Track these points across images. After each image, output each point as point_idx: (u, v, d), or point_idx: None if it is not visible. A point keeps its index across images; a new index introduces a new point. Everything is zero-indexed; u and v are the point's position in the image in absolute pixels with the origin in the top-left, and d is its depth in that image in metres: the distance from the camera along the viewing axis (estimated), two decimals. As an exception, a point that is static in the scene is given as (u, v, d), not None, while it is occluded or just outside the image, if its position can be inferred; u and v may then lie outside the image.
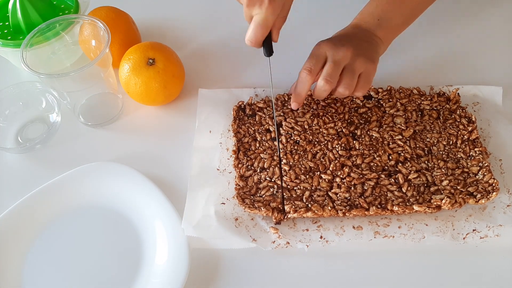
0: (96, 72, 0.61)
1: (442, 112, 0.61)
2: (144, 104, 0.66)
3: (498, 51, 0.71)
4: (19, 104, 0.66)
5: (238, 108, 0.63)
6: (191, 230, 0.53)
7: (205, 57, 0.73)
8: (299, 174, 0.56)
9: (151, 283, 0.51)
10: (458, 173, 0.55)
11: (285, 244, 0.53)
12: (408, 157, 0.57)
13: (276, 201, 0.54)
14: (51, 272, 0.53)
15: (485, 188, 0.54)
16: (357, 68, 0.55)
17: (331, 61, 0.54)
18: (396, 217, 0.54)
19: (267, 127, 0.61)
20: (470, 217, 0.54)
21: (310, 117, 0.60)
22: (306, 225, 0.54)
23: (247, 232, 0.54)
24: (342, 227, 0.54)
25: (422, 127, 0.59)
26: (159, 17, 0.79)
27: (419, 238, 0.53)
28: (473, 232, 0.53)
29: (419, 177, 0.55)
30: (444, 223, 0.54)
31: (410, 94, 0.63)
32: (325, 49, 0.55)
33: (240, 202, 0.54)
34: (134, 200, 0.57)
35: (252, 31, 0.51)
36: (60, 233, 0.56)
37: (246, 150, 0.59)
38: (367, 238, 0.53)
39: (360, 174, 0.55)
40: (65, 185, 0.58)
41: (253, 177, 0.57)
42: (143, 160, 0.61)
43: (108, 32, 0.59)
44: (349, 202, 0.53)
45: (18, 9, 0.66)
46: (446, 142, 0.58)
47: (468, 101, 0.64)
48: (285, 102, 0.62)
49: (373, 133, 0.59)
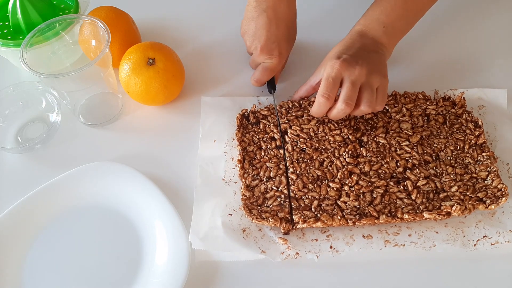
0: (96, 72, 0.61)
1: (448, 117, 0.60)
2: (144, 104, 0.66)
3: (501, 53, 0.71)
4: (19, 104, 0.66)
5: (241, 116, 0.62)
6: (199, 242, 0.52)
7: (205, 57, 0.73)
8: (306, 183, 0.55)
9: (151, 283, 0.51)
10: (466, 178, 0.55)
11: (295, 255, 0.52)
12: (416, 163, 0.56)
13: (284, 211, 0.53)
14: (51, 272, 0.53)
15: (494, 193, 0.54)
16: (374, 85, 0.55)
17: (349, 83, 0.54)
18: (406, 224, 0.54)
19: (272, 135, 0.60)
20: (480, 223, 0.54)
21: (315, 124, 0.59)
22: (315, 235, 0.53)
23: (256, 244, 0.53)
24: (351, 236, 0.53)
25: (428, 132, 0.59)
26: (159, 17, 0.79)
27: (430, 246, 0.52)
28: (483, 239, 0.52)
29: (428, 183, 0.54)
30: (454, 230, 0.53)
31: (416, 99, 0.62)
32: (340, 71, 0.54)
33: (247, 213, 0.53)
34: (134, 200, 0.57)
35: (260, 74, 0.63)
36: (60, 233, 0.56)
37: (252, 159, 0.58)
38: (378, 247, 0.52)
39: (369, 181, 0.55)
40: (65, 185, 0.58)
41: (260, 187, 0.56)
42: (143, 160, 0.61)
43: (108, 32, 0.59)
44: (358, 211, 0.53)
45: (18, 9, 0.65)
46: (453, 147, 0.57)
47: (473, 104, 0.63)
48: (289, 110, 0.62)
49: (380, 139, 0.58)
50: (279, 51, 0.62)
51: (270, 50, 0.62)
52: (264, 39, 0.61)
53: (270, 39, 0.61)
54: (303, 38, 0.70)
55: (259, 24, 0.62)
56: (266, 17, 0.61)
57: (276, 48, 0.62)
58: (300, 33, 0.67)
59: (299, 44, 0.68)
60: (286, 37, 0.63)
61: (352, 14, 0.62)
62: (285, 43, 0.63)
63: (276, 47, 0.62)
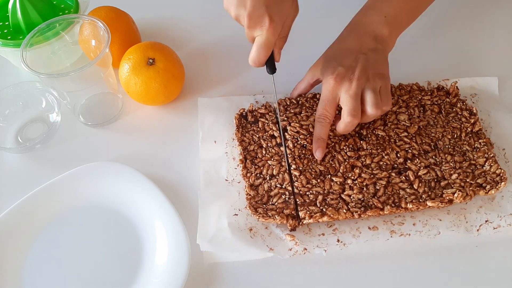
0: (96, 72, 0.61)
1: (443, 106, 0.61)
2: (144, 104, 0.66)
3: (491, 42, 0.72)
4: (19, 104, 0.66)
5: (239, 116, 0.62)
6: (207, 245, 0.52)
7: (205, 57, 0.73)
8: (310, 178, 0.55)
9: (151, 283, 0.51)
10: (465, 165, 0.56)
11: (303, 250, 0.52)
12: (416, 154, 0.57)
13: (289, 208, 0.53)
14: (51, 272, 0.53)
15: (493, 178, 0.55)
16: (376, 87, 0.55)
17: (348, 96, 0.54)
18: (410, 214, 0.54)
19: (272, 132, 0.60)
20: (481, 208, 0.55)
21: (314, 120, 0.60)
22: (322, 230, 0.54)
23: (263, 242, 0.53)
24: (358, 229, 0.54)
25: (425, 122, 0.60)
26: (159, 17, 0.79)
27: (435, 234, 0.53)
28: (486, 223, 0.54)
29: (428, 172, 0.55)
30: (457, 216, 0.54)
31: (410, 90, 0.63)
32: (337, 90, 0.54)
33: (253, 212, 0.53)
34: (134, 200, 0.57)
35: (255, 52, 0.52)
36: (60, 233, 0.55)
37: (253, 158, 0.58)
38: (384, 238, 0.53)
39: (371, 174, 0.55)
40: (65, 185, 0.58)
41: (263, 185, 0.56)
42: (143, 160, 0.61)
43: (108, 32, 0.59)
44: (363, 203, 0.53)
45: (18, 9, 0.65)
46: (450, 136, 0.58)
47: (466, 93, 0.64)
48: (288, 107, 0.62)
49: (378, 131, 0.59)
50: (269, 17, 0.50)
51: (259, 17, 0.50)
52: (249, 5, 0.49)
53: (257, 4, 0.49)
54: (302, 34, 0.67)
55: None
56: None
57: (265, 14, 0.49)
58: (299, 29, 0.62)
59: (299, 40, 0.66)
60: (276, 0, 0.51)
61: (355, 8, 0.61)
62: (276, 7, 0.50)
63: (265, 12, 0.49)
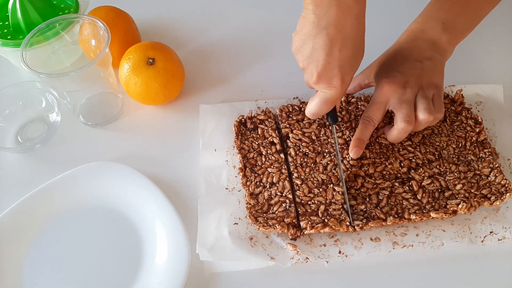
0: (96, 71, 0.60)
1: (448, 115, 0.60)
2: (144, 104, 0.66)
3: (495, 49, 0.71)
4: (19, 104, 0.66)
5: (238, 123, 0.61)
6: (207, 254, 0.51)
7: (205, 57, 0.73)
8: (312, 187, 0.54)
9: (151, 283, 0.51)
10: (470, 176, 0.55)
11: (304, 259, 0.51)
12: (419, 163, 0.56)
13: (290, 216, 0.53)
14: (51, 272, 0.53)
15: (498, 189, 0.54)
16: (429, 95, 0.54)
17: (402, 102, 0.53)
18: (413, 224, 0.53)
19: (271, 139, 0.59)
20: (486, 219, 0.54)
21: (316, 127, 0.59)
22: (323, 240, 0.53)
23: (264, 251, 0.52)
24: (359, 240, 0.53)
25: (430, 131, 0.59)
26: (159, 17, 0.79)
27: (438, 245, 0.52)
28: (490, 235, 0.53)
29: (432, 182, 0.54)
30: (461, 227, 0.53)
31: (415, 98, 0.62)
32: (389, 95, 0.54)
33: (253, 221, 0.53)
34: (134, 200, 0.57)
35: (317, 106, 0.52)
36: (60, 233, 0.55)
37: (253, 166, 0.57)
38: (386, 249, 0.52)
39: (374, 183, 0.54)
40: (65, 185, 0.57)
41: (263, 194, 0.55)
42: (143, 160, 0.61)
43: (108, 31, 0.58)
44: (365, 214, 0.52)
45: (18, 9, 0.65)
46: (455, 145, 0.57)
47: (471, 101, 0.63)
48: (290, 113, 0.61)
49: (382, 140, 0.58)
50: (341, 79, 0.49)
51: (329, 78, 0.49)
52: (322, 64, 0.48)
53: (330, 64, 0.48)
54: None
55: (317, 45, 0.47)
56: (326, 36, 0.47)
57: (337, 76, 0.48)
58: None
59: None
60: (351, 60, 0.49)
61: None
62: (349, 67, 0.49)
63: (337, 73, 0.48)
